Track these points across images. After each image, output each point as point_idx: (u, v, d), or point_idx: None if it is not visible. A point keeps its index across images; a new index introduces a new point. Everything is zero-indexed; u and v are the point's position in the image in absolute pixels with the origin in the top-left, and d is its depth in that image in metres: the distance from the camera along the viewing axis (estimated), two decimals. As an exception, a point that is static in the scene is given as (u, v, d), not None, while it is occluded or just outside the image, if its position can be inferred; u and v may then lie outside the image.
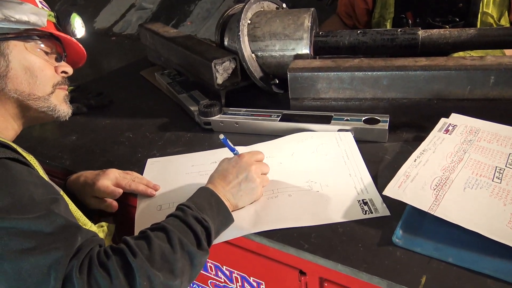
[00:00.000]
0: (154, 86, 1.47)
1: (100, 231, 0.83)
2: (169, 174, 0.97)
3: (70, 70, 0.87)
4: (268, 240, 0.75)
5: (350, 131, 0.99)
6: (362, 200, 0.80)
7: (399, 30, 1.15)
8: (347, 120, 1.01)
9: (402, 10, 1.38)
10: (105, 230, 0.84)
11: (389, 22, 1.41)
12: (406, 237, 0.71)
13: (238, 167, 0.81)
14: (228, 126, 1.10)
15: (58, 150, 1.13)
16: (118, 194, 0.87)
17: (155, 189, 0.91)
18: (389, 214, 0.76)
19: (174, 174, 0.96)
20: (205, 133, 1.13)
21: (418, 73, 0.98)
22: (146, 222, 0.77)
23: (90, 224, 0.81)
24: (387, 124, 0.98)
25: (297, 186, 0.86)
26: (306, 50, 1.14)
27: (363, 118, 1.00)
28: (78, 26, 0.88)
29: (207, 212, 0.73)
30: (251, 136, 1.07)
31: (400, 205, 0.74)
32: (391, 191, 0.75)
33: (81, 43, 0.89)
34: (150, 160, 1.03)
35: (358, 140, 0.97)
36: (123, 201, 0.91)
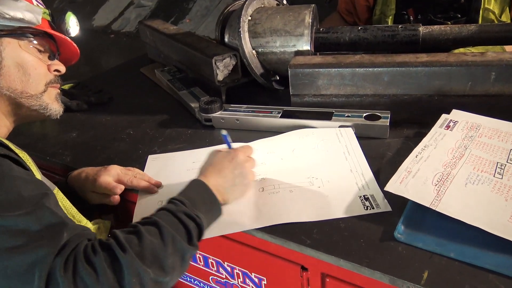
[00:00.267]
0: (154, 83, 1.46)
1: (95, 229, 0.82)
2: (170, 170, 0.97)
3: (63, 68, 0.87)
4: (269, 235, 0.76)
5: (351, 127, 0.99)
6: (364, 195, 0.81)
7: (400, 26, 1.14)
8: (348, 116, 1.01)
9: (404, 7, 1.38)
10: (101, 227, 0.83)
11: (390, 19, 1.40)
12: (408, 232, 0.71)
13: (234, 163, 0.81)
14: (228, 122, 1.10)
15: (58, 147, 1.13)
16: (119, 190, 0.87)
17: (157, 185, 0.91)
18: (390, 210, 0.77)
19: (175, 171, 0.96)
20: (205, 129, 1.13)
21: (419, 69, 0.98)
22: None
23: (85, 221, 0.80)
24: (388, 120, 0.98)
25: (298, 182, 0.86)
26: (307, 47, 1.14)
27: (364, 115, 1.01)
28: (73, 25, 0.88)
29: (200, 208, 0.71)
30: (252, 132, 1.07)
31: (401, 201, 0.74)
32: (393, 187, 0.75)
33: (77, 41, 0.89)
34: (151, 156, 1.03)
35: (359, 136, 0.97)
36: (123, 196, 0.90)
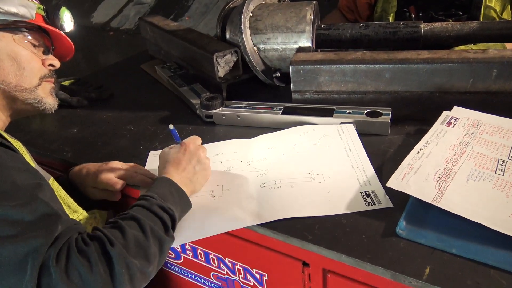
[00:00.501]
0: (155, 80, 1.46)
1: (91, 218, 0.83)
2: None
3: (57, 63, 0.88)
4: (271, 231, 0.76)
5: (352, 124, 0.99)
6: (365, 192, 0.81)
7: (401, 23, 1.14)
8: (349, 113, 1.01)
9: (405, 4, 1.38)
10: (97, 217, 0.85)
11: (391, 16, 1.40)
12: (409, 228, 0.71)
13: (188, 154, 0.85)
14: (230, 119, 1.10)
15: (59, 143, 1.12)
16: (120, 186, 0.87)
17: None
18: (391, 206, 0.77)
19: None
20: (206, 126, 1.13)
21: (420, 66, 0.98)
22: None
23: (81, 211, 0.82)
24: (389, 117, 0.98)
25: (299, 177, 0.86)
26: (308, 43, 1.14)
27: (365, 111, 1.01)
28: (67, 20, 0.88)
29: (170, 200, 0.76)
30: (253, 129, 1.07)
31: (402, 197, 0.75)
32: (395, 183, 0.75)
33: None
34: (152, 152, 1.03)
35: (360, 133, 0.97)
36: (124, 192, 0.91)
